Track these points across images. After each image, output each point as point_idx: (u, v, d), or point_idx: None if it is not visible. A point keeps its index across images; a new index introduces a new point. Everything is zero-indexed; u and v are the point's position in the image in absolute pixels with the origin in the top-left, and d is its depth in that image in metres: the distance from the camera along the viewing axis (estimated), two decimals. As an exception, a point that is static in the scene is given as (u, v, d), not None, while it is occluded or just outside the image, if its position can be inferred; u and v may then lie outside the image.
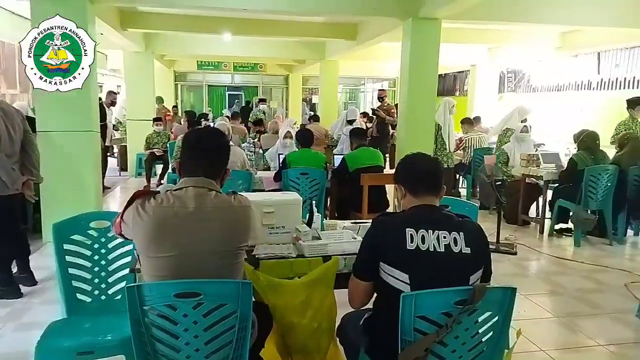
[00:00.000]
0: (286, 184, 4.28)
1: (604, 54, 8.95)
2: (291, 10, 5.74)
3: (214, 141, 1.85)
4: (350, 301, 1.89)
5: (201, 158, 1.77)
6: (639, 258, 4.80)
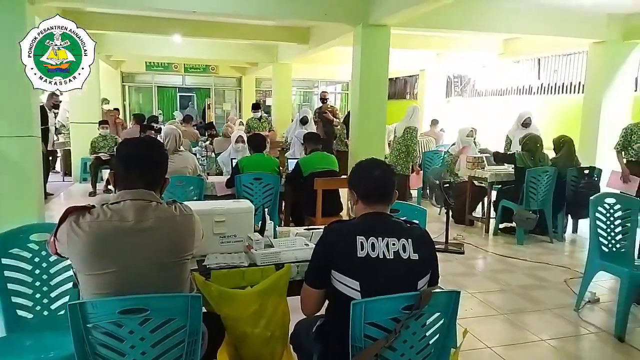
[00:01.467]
0: (239, 190, 4.24)
1: (544, 60, 9.45)
2: (241, 13, 5.71)
3: (150, 152, 1.78)
4: (302, 309, 1.91)
5: (138, 170, 1.71)
6: (577, 255, 5.09)
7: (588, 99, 7.00)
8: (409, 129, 6.45)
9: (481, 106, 10.91)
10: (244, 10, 5.56)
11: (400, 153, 6.57)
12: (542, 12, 6.20)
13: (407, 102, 13.97)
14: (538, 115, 8.97)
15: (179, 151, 4.31)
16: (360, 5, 5.63)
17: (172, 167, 4.08)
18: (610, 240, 3.47)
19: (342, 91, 16.88)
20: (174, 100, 16.43)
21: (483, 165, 5.91)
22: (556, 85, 9.17)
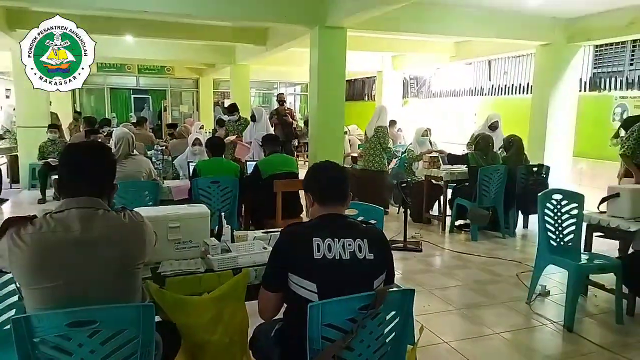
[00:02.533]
0: (196, 194, 4.16)
1: (494, 62, 9.81)
2: (195, 14, 5.62)
3: (95, 157, 1.71)
4: (260, 313, 1.90)
5: (83, 176, 1.64)
6: (528, 249, 5.30)
7: (536, 99, 7.31)
8: (379, 128, 6.54)
9: (437, 107, 11.19)
10: (198, 11, 5.48)
11: (375, 151, 6.66)
12: (491, 16, 6.43)
13: (366, 104, 14.16)
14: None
15: (132, 155, 4.18)
16: (316, 8, 5.66)
17: (124, 172, 4.01)
18: (557, 234, 3.63)
19: (301, 92, 16.90)
20: (128, 102, 15.95)
21: (439, 164, 6.06)
22: (506, 86, 9.53)
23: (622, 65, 7.50)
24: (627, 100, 7.13)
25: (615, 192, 3.67)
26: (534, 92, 7.44)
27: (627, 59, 7.44)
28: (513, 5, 6.01)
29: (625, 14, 5.99)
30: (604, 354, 2.98)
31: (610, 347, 3.06)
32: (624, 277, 3.36)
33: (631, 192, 3.63)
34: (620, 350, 3.02)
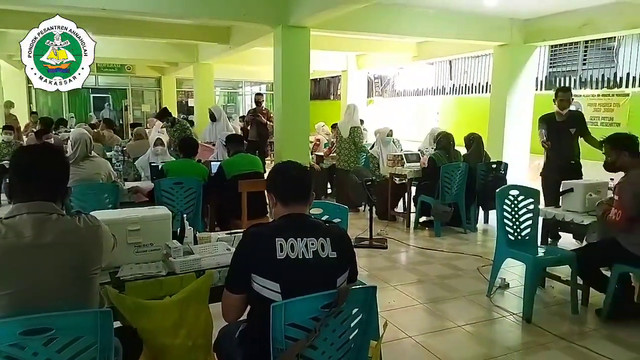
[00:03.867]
0: (158, 196, 4.08)
1: (455, 62, 10.04)
2: (157, 12, 5.51)
3: (47, 160, 1.66)
4: (224, 316, 1.89)
5: (34, 180, 1.59)
6: (488, 244, 5.44)
7: (494, 98, 7.53)
8: (354, 129, 6.61)
9: (400, 106, 11.36)
10: (158, 9, 5.37)
11: (350, 151, 6.73)
12: (451, 17, 6.58)
13: (331, 102, 14.23)
14: (451, 114, 9.53)
15: (91, 157, 4.06)
16: (279, 7, 5.65)
17: (82, 174, 3.90)
18: (515, 229, 3.76)
19: (267, 91, 16.80)
20: (87, 101, 15.47)
21: (402, 162, 6.16)
22: (466, 85, 9.78)
23: (575, 65, 7.83)
24: (581, 98, 7.44)
25: (569, 188, 3.83)
26: (493, 91, 7.67)
27: (580, 59, 7.78)
28: (472, 6, 6.17)
29: (578, 15, 6.25)
30: (561, 343, 3.11)
31: (567, 336, 3.19)
32: (578, 268, 3.50)
33: (584, 187, 3.79)
34: (576, 339, 3.15)
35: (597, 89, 7.30)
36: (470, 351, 3.02)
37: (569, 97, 5.06)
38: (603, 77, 7.32)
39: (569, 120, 5.05)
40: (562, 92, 5.10)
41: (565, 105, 5.02)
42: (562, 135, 5.00)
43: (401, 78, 11.65)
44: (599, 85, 7.34)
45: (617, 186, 3.28)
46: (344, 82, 12.01)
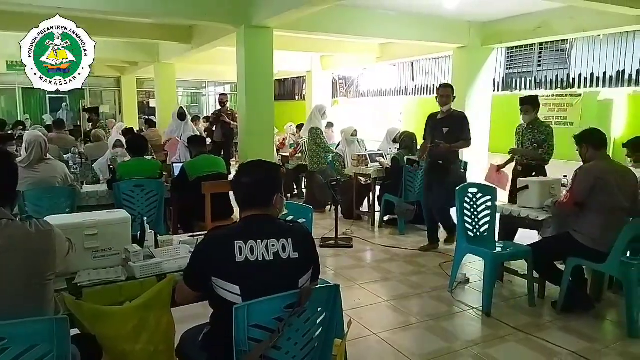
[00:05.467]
0: (118, 199, 3.98)
1: (417, 63, 10.23)
2: (115, 11, 5.36)
3: None
4: (178, 298, 1.98)
5: None
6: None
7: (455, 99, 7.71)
8: (312, 130, 6.64)
9: (365, 106, 11.47)
10: (116, 8, 5.23)
11: (313, 153, 6.75)
12: (412, 20, 6.71)
13: (296, 103, 14.23)
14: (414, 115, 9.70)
15: (46, 159, 3.91)
16: (241, 7, 5.61)
17: (37, 178, 3.76)
18: (474, 225, 3.88)
19: (231, 92, 16.62)
20: (43, 103, 14.88)
21: (367, 162, 6.24)
22: (428, 86, 9.98)
23: (531, 66, 8.12)
24: (536, 99, 7.72)
25: (525, 185, 3.97)
26: (453, 92, 7.84)
27: (535, 61, 8.07)
28: (432, 10, 6.31)
29: (533, 19, 6.49)
30: (519, 335, 3.22)
31: (525, 328, 3.31)
32: (534, 263, 3.64)
33: (539, 185, 3.94)
34: (533, 330, 3.28)
35: (552, 90, 7.59)
36: (432, 346, 3.09)
37: (448, 93, 4.80)
38: (557, 78, 7.62)
39: (445, 119, 4.83)
40: (442, 88, 4.90)
41: (444, 102, 4.79)
42: (436, 133, 4.80)
43: (365, 79, 11.77)
44: (553, 86, 7.64)
45: (575, 173, 3.44)
46: (308, 82, 12.04)
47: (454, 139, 4.72)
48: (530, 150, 4.60)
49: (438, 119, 4.89)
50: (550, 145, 4.58)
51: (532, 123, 4.66)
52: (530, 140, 4.64)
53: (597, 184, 3.29)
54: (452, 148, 4.74)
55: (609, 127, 6.43)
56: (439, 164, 4.83)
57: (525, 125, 4.72)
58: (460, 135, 4.76)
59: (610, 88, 6.83)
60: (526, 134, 4.69)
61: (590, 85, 7.12)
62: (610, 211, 3.29)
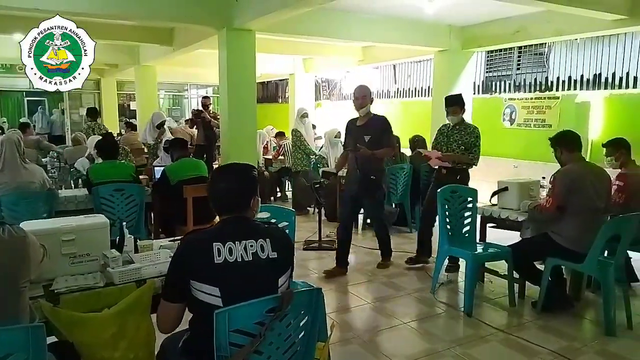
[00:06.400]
0: (97, 204, 3.91)
1: (399, 66, 10.30)
2: (94, 13, 5.28)
3: None
4: (159, 326, 1.83)
5: None
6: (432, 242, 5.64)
7: (436, 102, 7.78)
8: (293, 132, 6.71)
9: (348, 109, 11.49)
10: (95, 9, 5.16)
11: (296, 154, 6.78)
12: (394, 23, 6.76)
13: (279, 106, 14.19)
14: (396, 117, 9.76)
15: (25, 164, 3.84)
16: (223, 9, 5.58)
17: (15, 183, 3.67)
18: (456, 226, 3.91)
19: (213, 94, 16.51)
20: (21, 105, 14.59)
21: (350, 164, 6.24)
22: (409, 89, 10.05)
23: (510, 69, 8.23)
24: (515, 102, 7.84)
25: (504, 186, 4.03)
26: (434, 94, 7.93)
27: (514, 64, 8.18)
28: (413, 14, 6.36)
29: (511, 23, 6.59)
30: (500, 335, 3.26)
31: (505, 328, 3.36)
32: (513, 263, 3.69)
33: (518, 186, 4.00)
34: (514, 330, 3.32)
35: (530, 93, 7.72)
36: (415, 347, 3.11)
37: (365, 94, 4.29)
38: (535, 81, 7.75)
39: (366, 125, 4.31)
40: (357, 89, 4.39)
41: (360, 104, 4.30)
42: (359, 142, 4.24)
43: (348, 82, 11.80)
44: (531, 88, 7.76)
45: (552, 177, 3.49)
46: (291, 85, 12.02)
47: (377, 147, 4.23)
48: (462, 156, 4.31)
49: (358, 125, 4.40)
50: (478, 148, 4.35)
51: (458, 124, 4.40)
52: (457, 142, 4.35)
53: (573, 186, 3.35)
54: (376, 155, 4.25)
55: (587, 129, 6.56)
56: (364, 177, 4.31)
57: (450, 126, 4.46)
58: (383, 141, 4.28)
59: (587, 91, 6.96)
60: (452, 135, 4.41)
61: (568, 88, 7.26)
62: (587, 212, 3.36)
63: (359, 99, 4.33)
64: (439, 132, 4.63)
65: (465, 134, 4.35)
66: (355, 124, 4.43)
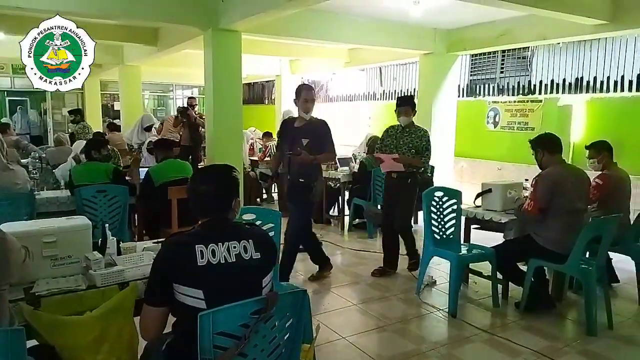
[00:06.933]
0: (79, 206, 3.85)
1: (385, 68, 10.35)
2: (77, 12, 5.19)
3: None
4: (142, 332, 1.80)
5: None
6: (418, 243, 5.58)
7: (421, 104, 7.81)
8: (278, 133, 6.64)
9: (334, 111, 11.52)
10: (77, 8, 5.08)
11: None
12: (380, 26, 6.79)
13: (266, 107, 14.15)
14: (382, 120, 9.80)
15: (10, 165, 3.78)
16: (208, 10, 5.54)
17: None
18: (440, 228, 3.94)
19: (199, 95, 16.40)
20: (2, 105, 14.31)
21: (336, 166, 6.27)
22: (395, 91, 10.11)
23: (494, 73, 8.33)
24: (499, 105, 7.94)
25: (488, 188, 4.07)
26: (419, 97, 7.97)
27: (498, 68, 8.28)
28: (399, 17, 6.40)
29: (495, 26, 6.67)
30: (484, 335, 3.30)
31: (489, 329, 3.40)
32: (497, 264, 3.73)
33: (502, 188, 4.05)
34: (497, 331, 3.36)
35: (514, 96, 7.81)
36: (400, 348, 3.12)
37: (313, 97, 4.03)
38: (519, 84, 7.85)
39: (305, 128, 4.02)
40: (305, 90, 4.07)
41: (308, 108, 4.02)
42: (295, 145, 3.97)
43: (334, 84, 11.82)
44: (515, 92, 7.86)
45: (534, 180, 3.54)
46: (278, 86, 12.00)
47: (317, 152, 3.99)
48: (417, 160, 4.23)
49: (296, 127, 4.09)
50: (430, 152, 4.27)
51: (408, 126, 4.29)
52: (407, 145, 4.23)
53: (555, 189, 3.40)
54: (317, 161, 4.04)
55: (569, 132, 6.67)
56: (300, 183, 4.03)
57: (400, 128, 4.32)
58: (323, 146, 4.03)
59: (569, 94, 7.07)
60: (402, 138, 4.27)
61: (551, 91, 7.37)
62: (568, 214, 3.41)
63: (310, 102, 4.03)
64: (386, 134, 4.49)
65: (415, 137, 4.28)
66: (293, 125, 4.11)
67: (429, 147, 4.29)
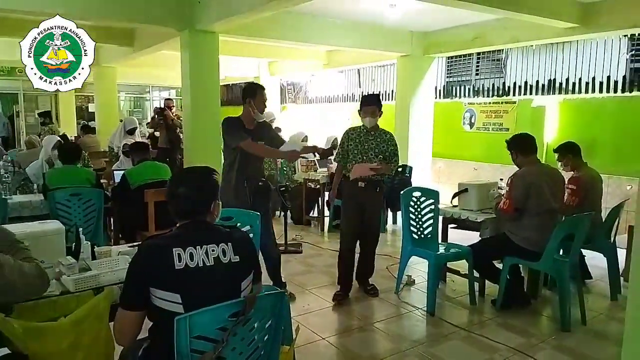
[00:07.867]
0: (53, 210, 3.77)
1: (363, 70, 10.42)
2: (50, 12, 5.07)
3: None
4: (117, 337, 1.77)
5: None
6: (397, 244, 5.68)
7: (399, 105, 7.94)
8: None
9: (313, 112, 11.54)
10: (51, 8, 4.96)
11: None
12: (357, 28, 6.84)
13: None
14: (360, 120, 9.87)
15: None
16: (184, 10, 5.49)
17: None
18: (418, 227, 3.99)
19: (176, 97, 16.22)
20: (-26, 108, 13.90)
21: (316, 167, 6.28)
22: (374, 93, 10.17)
23: (469, 75, 8.47)
24: (474, 106, 8.07)
25: (464, 188, 4.14)
26: (397, 99, 8.07)
27: (473, 70, 8.42)
28: (375, 19, 6.45)
29: (470, 29, 6.79)
30: (461, 333, 3.35)
31: (467, 326, 3.45)
32: (473, 262, 3.80)
33: (477, 188, 4.12)
34: (475, 328, 3.42)
35: (489, 97, 7.96)
36: (379, 347, 3.15)
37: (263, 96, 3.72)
38: (493, 86, 8.00)
39: (256, 130, 3.74)
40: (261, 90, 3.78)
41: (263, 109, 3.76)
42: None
43: (313, 85, 11.85)
44: (490, 93, 8.01)
45: (509, 179, 3.61)
46: (256, 88, 11.96)
47: None
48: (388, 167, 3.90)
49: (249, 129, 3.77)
50: (398, 158, 3.99)
51: (374, 129, 3.87)
52: (374, 151, 3.82)
53: (531, 190, 3.47)
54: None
55: (542, 132, 6.83)
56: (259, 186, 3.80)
57: (364, 131, 3.88)
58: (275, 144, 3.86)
59: (542, 96, 7.24)
60: (367, 142, 3.84)
61: (525, 93, 7.53)
62: (543, 213, 3.49)
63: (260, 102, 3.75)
64: (347, 138, 3.91)
65: (381, 141, 3.85)
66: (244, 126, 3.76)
67: (397, 153, 3.93)
